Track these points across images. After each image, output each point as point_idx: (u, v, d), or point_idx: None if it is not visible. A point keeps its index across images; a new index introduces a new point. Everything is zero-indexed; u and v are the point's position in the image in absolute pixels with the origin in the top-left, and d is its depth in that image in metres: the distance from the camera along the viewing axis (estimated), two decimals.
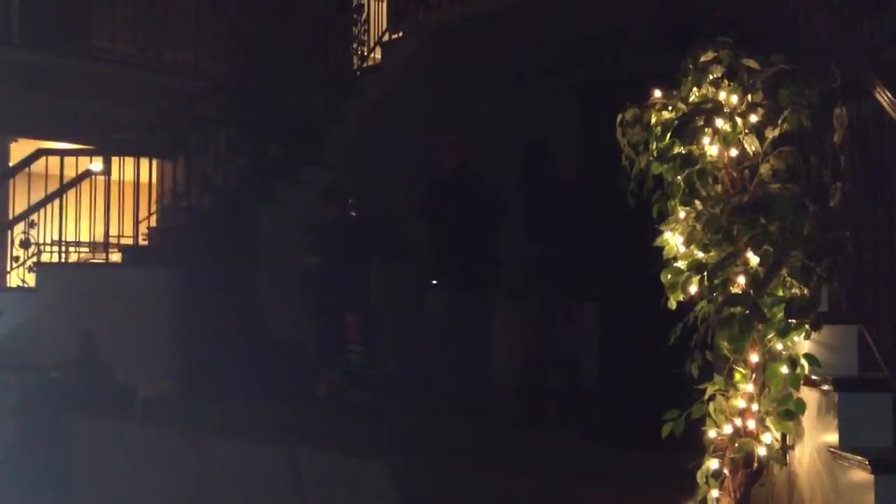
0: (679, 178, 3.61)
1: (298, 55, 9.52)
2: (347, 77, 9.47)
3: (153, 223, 8.94)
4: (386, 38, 9.46)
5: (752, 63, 3.59)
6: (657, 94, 3.77)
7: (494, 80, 8.17)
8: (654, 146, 3.69)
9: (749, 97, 3.60)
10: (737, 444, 3.44)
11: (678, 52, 3.81)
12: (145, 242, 8.72)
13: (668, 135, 3.61)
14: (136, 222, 8.59)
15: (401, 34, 9.17)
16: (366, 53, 9.61)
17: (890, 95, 3.25)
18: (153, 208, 8.96)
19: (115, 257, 8.53)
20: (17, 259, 8.09)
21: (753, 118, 3.58)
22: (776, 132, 3.53)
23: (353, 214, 7.54)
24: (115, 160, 8.46)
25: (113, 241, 8.44)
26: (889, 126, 3.30)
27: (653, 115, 3.72)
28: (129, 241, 8.60)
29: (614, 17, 6.92)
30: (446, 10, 8.42)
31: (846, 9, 4.25)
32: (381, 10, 9.68)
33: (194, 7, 9.90)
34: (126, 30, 10.21)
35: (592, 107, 5.39)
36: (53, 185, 8.30)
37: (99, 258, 8.45)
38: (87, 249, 8.65)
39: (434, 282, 6.77)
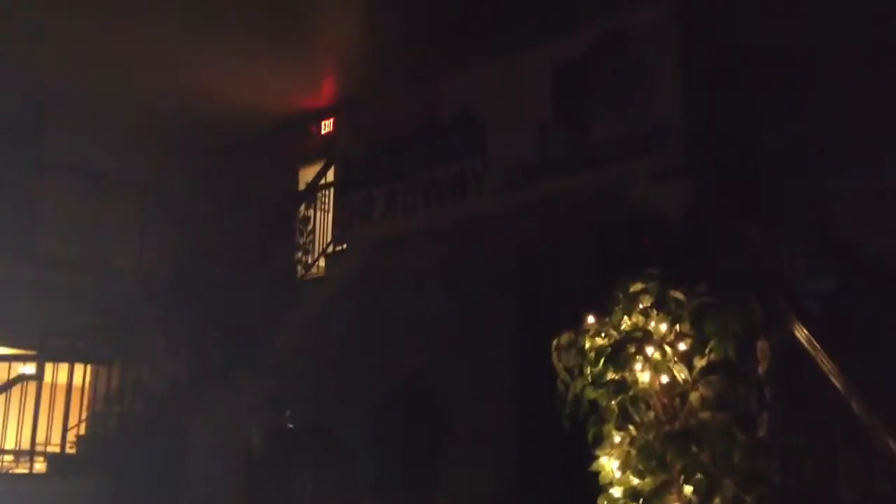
0: (613, 403, 3.71)
1: (242, 262, 9.64)
2: (291, 285, 9.58)
3: (83, 430, 8.67)
4: (331, 249, 9.65)
5: (678, 294, 3.79)
6: (590, 319, 3.93)
7: (437, 291, 8.34)
8: (589, 371, 3.81)
9: (677, 326, 3.77)
10: None
11: (611, 274, 4.00)
12: (73, 451, 8.41)
13: (602, 360, 3.74)
14: (65, 429, 8.30)
15: (345, 246, 9.38)
16: (310, 262, 9.76)
17: (807, 331, 3.42)
18: (84, 414, 8.71)
19: (41, 466, 8.19)
20: None
21: (682, 346, 3.74)
22: (704, 361, 3.68)
23: (290, 426, 7.43)
24: (48, 365, 8.29)
25: (40, 447, 8.13)
26: (808, 359, 3.45)
27: (586, 341, 3.86)
28: (56, 449, 8.28)
29: (549, 240, 7.20)
30: (389, 224, 8.67)
31: (765, 240, 4.52)
32: (327, 222, 9.92)
33: (139, 213, 10.06)
34: (72, 234, 10.27)
35: (530, 317, 5.55)
36: None
37: (23, 467, 8.10)
38: (10, 458, 8.29)
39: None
